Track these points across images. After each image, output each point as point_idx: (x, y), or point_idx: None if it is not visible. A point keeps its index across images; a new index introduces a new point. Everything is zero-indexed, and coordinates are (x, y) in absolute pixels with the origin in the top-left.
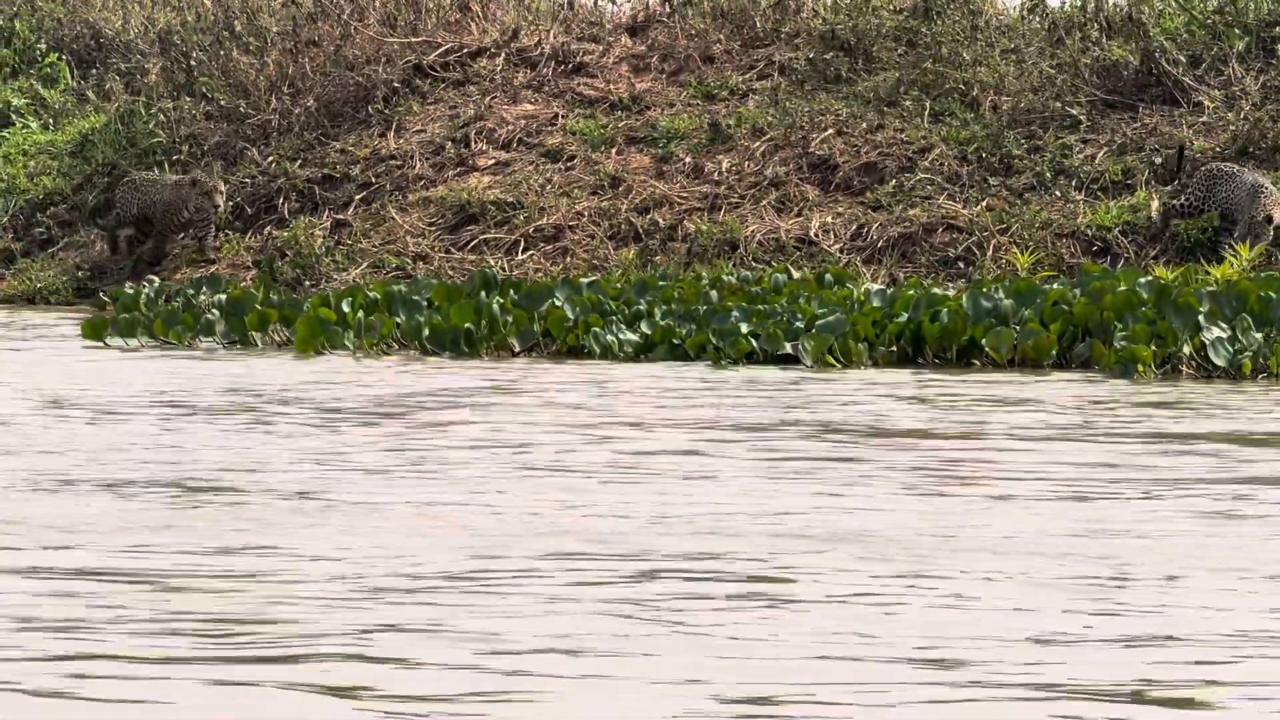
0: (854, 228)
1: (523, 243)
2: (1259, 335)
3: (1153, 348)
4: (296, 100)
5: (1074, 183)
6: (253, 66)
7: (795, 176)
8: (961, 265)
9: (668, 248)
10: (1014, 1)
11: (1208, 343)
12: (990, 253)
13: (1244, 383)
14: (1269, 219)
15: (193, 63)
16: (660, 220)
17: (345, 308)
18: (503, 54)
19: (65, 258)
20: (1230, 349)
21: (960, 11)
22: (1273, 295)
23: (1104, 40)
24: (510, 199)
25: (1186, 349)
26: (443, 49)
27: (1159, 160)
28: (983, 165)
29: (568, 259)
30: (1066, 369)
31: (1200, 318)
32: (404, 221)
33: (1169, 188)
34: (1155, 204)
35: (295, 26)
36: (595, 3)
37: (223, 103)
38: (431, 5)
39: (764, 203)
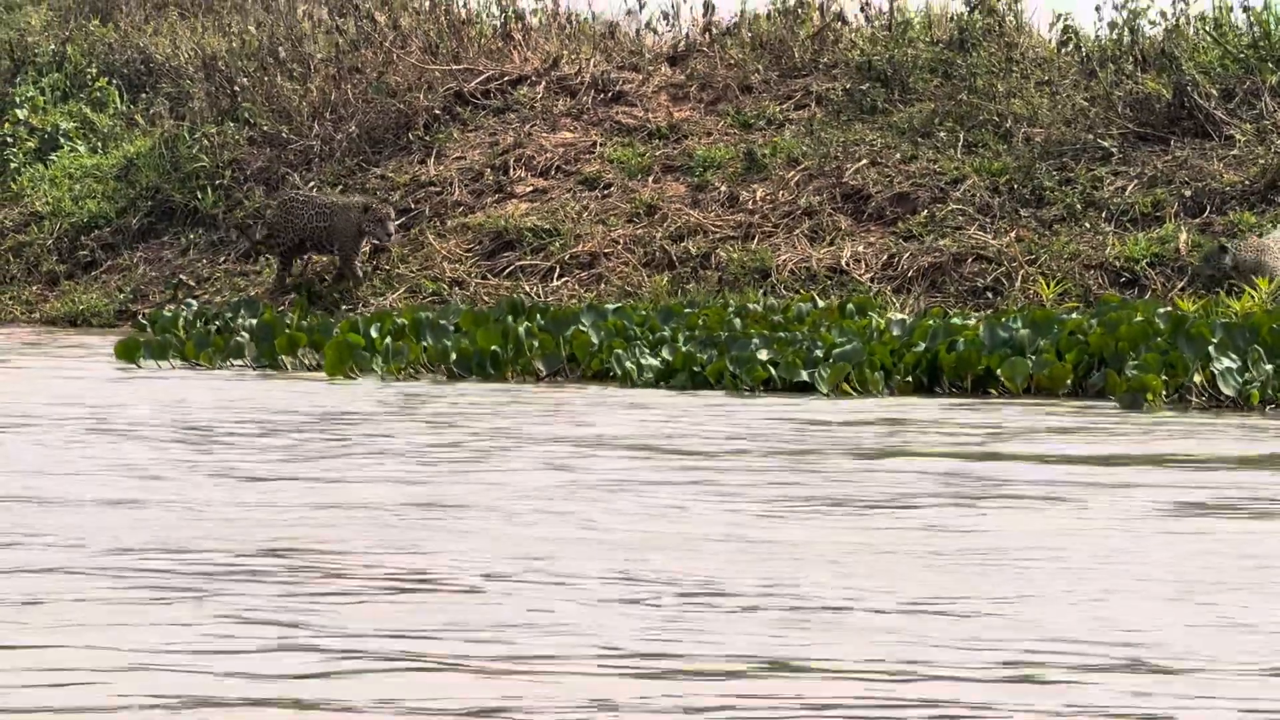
0: (885, 257)
1: (558, 269)
2: (1269, 367)
3: (1164, 377)
4: (338, 126)
5: (1104, 214)
6: (296, 92)
7: (828, 206)
8: (990, 295)
9: (700, 275)
10: (1050, 34)
11: (1217, 373)
12: (1019, 283)
13: (1251, 413)
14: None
15: (237, 88)
16: (693, 248)
17: (374, 333)
18: (543, 82)
19: (108, 280)
20: (1239, 379)
21: (996, 44)
22: None
23: (1137, 73)
24: (547, 226)
25: (1197, 379)
26: (484, 76)
27: (1202, 262)
28: (1014, 196)
29: (602, 285)
30: (1082, 398)
31: (1211, 348)
32: (441, 247)
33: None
34: (1184, 237)
35: (338, 53)
36: (637, 32)
37: (265, 128)
38: (474, 33)
39: (796, 232)
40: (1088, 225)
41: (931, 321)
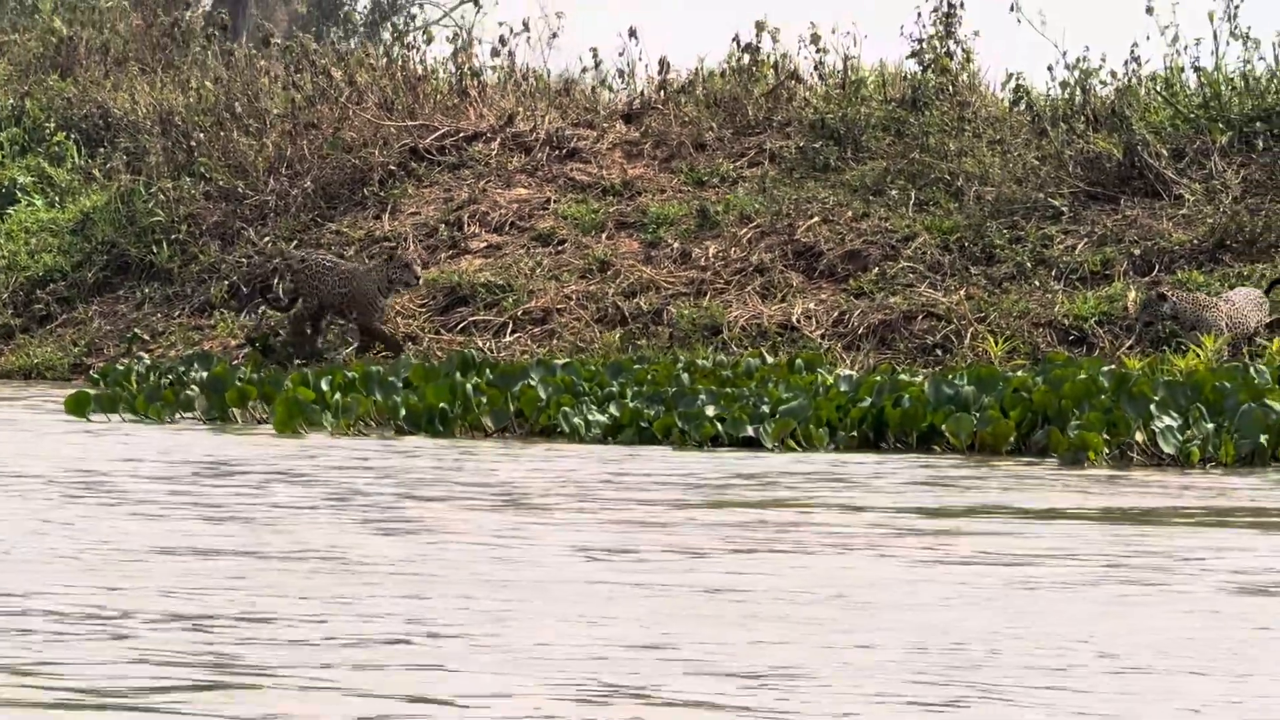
0: (836, 314)
1: (511, 325)
2: (1210, 425)
3: (1106, 436)
4: (294, 181)
5: (1053, 273)
6: (252, 148)
7: (780, 263)
8: (939, 353)
9: (652, 331)
10: (1002, 93)
11: (1157, 431)
12: (968, 341)
13: (1190, 471)
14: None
15: (193, 143)
16: (645, 304)
17: (324, 387)
18: (498, 138)
19: (63, 334)
20: (1179, 437)
21: (949, 103)
22: (1228, 385)
23: (1088, 132)
24: (500, 281)
25: (1139, 437)
26: (439, 133)
27: (1140, 309)
28: (964, 254)
29: (554, 341)
30: (1025, 455)
31: (1153, 406)
32: (395, 302)
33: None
34: (1132, 295)
35: (294, 109)
36: (593, 89)
37: (221, 183)
38: (430, 89)
39: (748, 288)
40: (1037, 283)
41: (878, 378)
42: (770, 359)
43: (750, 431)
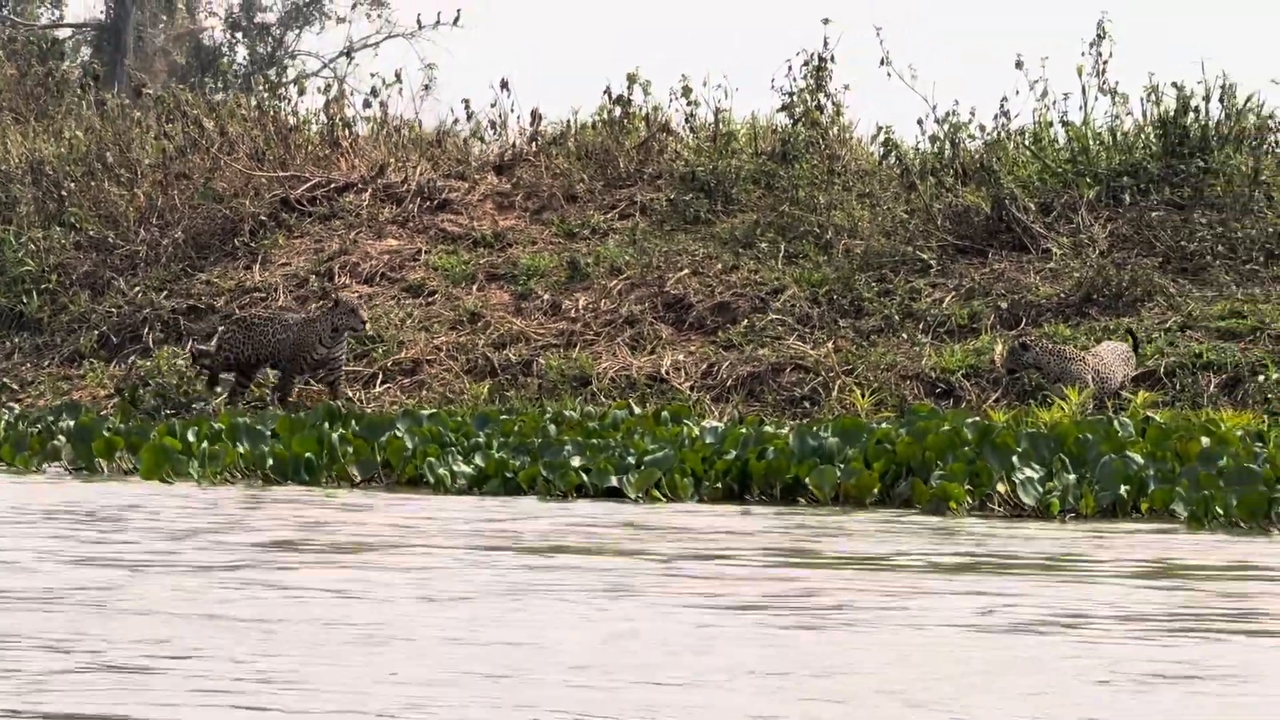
0: (705, 366)
1: (381, 375)
2: (1072, 477)
3: (968, 487)
4: (165, 231)
5: (921, 326)
6: (123, 198)
7: (650, 315)
8: (807, 405)
9: (521, 383)
10: (872, 146)
11: (1019, 482)
12: (835, 393)
13: (1049, 522)
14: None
15: (64, 193)
16: (515, 356)
17: (190, 437)
18: (369, 189)
19: None
20: (1040, 489)
21: (818, 156)
22: (1090, 438)
23: (957, 186)
24: (370, 332)
25: (1001, 488)
26: (311, 183)
27: (1003, 357)
28: (833, 307)
29: (424, 392)
30: (889, 507)
31: (1015, 458)
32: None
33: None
34: (999, 348)
35: (166, 159)
36: (464, 141)
37: (92, 233)
38: (301, 140)
39: (618, 340)
40: (905, 336)
41: (744, 430)
42: (638, 410)
43: (615, 482)
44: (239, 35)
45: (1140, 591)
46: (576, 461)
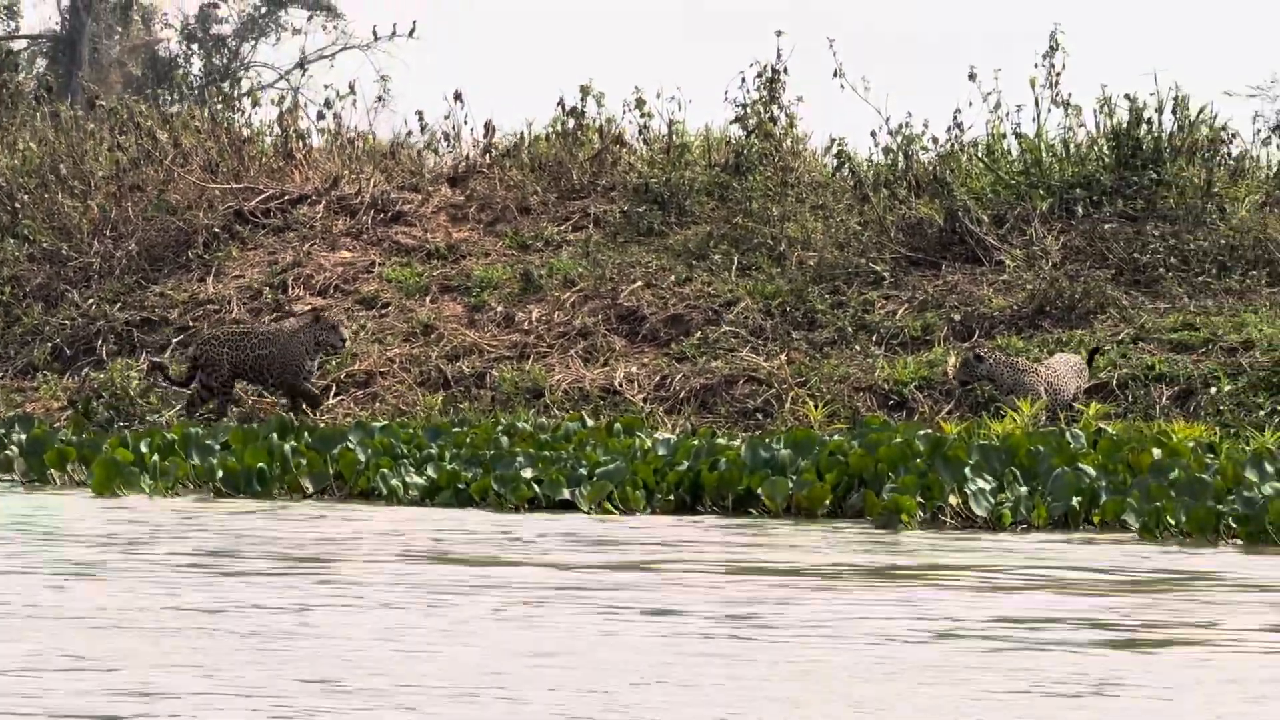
0: (658, 378)
1: (334, 387)
2: (1024, 489)
3: (920, 499)
4: (118, 243)
5: (874, 338)
6: (76, 209)
7: (603, 327)
8: (760, 417)
9: (474, 395)
10: (825, 158)
11: (970, 494)
12: (788, 405)
13: (1001, 533)
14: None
15: (17, 204)
16: (468, 368)
17: (143, 448)
18: (323, 201)
19: None
20: (992, 500)
21: (772, 167)
22: (1042, 450)
23: (910, 198)
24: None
25: (953, 500)
26: (264, 195)
27: (957, 368)
28: (786, 319)
29: (377, 404)
30: (841, 518)
31: (967, 470)
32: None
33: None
34: (952, 360)
35: (120, 171)
36: (418, 153)
37: (45, 245)
38: (255, 152)
39: (571, 352)
40: (858, 348)
41: (696, 441)
42: (591, 422)
43: (567, 494)
44: (195, 47)
45: (1059, 598)
46: (528, 474)
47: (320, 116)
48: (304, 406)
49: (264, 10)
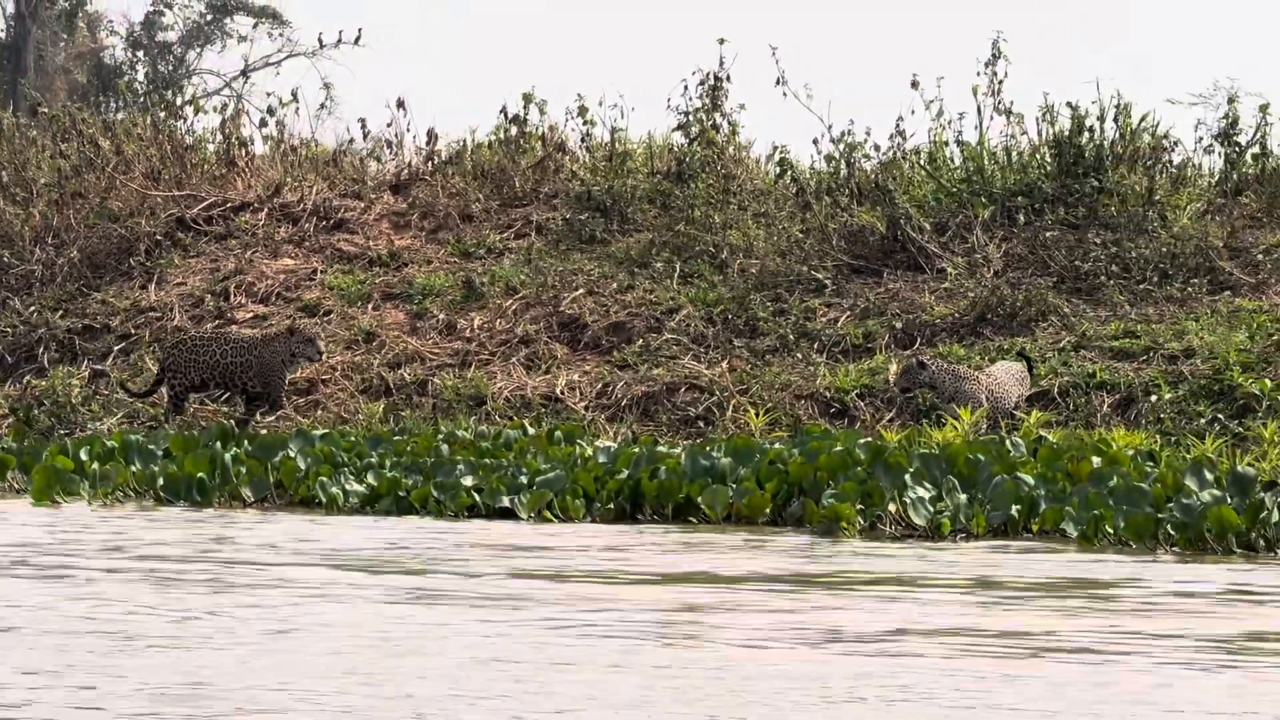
0: (599, 386)
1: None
2: (963, 496)
3: (860, 507)
4: (60, 251)
5: (815, 345)
6: (18, 217)
7: (545, 335)
8: (701, 425)
9: (416, 402)
10: (767, 166)
11: (909, 502)
12: (730, 412)
13: (941, 542)
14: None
15: None
16: (410, 375)
17: (83, 456)
18: (265, 209)
19: None
20: (931, 509)
21: (714, 175)
22: (981, 458)
23: (853, 206)
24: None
25: (892, 508)
26: (206, 203)
27: (899, 375)
28: (728, 326)
29: (319, 412)
30: (781, 526)
31: (907, 477)
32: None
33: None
34: (894, 368)
35: (62, 178)
36: (361, 160)
37: None
38: (197, 159)
39: (513, 360)
40: (800, 356)
41: (636, 449)
42: (532, 430)
43: (506, 502)
44: (140, 54)
45: (961, 608)
46: (469, 481)
47: (263, 124)
48: (258, 412)
49: (209, 17)
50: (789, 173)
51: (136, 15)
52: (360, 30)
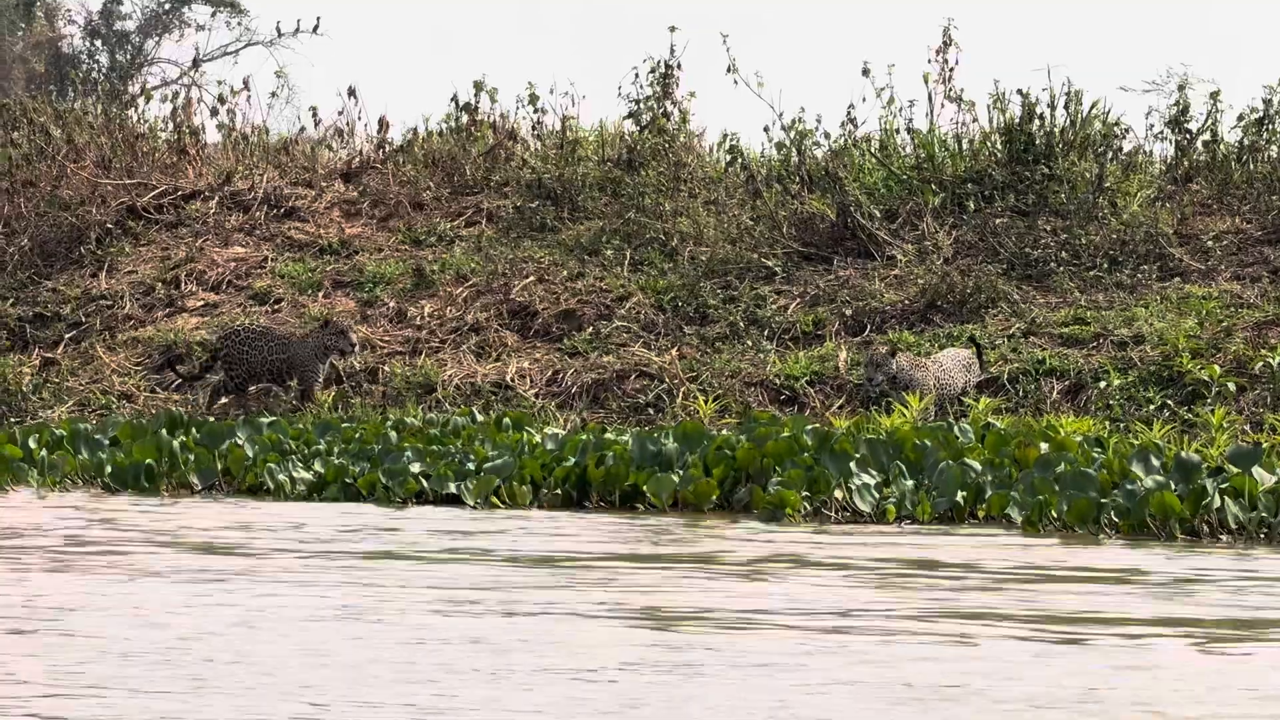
0: (550, 373)
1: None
2: (910, 483)
3: (806, 493)
4: (11, 239)
5: (766, 333)
6: None
7: (495, 322)
8: (651, 412)
9: (366, 390)
10: (717, 153)
11: (854, 489)
12: (680, 400)
13: (885, 527)
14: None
15: None
16: (359, 363)
17: (32, 444)
18: (216, 197)
19: None
20: (876, 495)
21: (665, 163)
22: (928, 444)
23: (803, 193)
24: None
25: (838, 494)
26: (157, 191)
27: (868, 365)
28: (678, 314)
29: (269, 400)
30: (729, 513)
31: (853, 464)
32: (111, 360)
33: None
34: (843, 355)
35: (11, 166)
36: (312, 148)
37: None
38: (148, 148)
39: (464, 348)
40: (750, 343)
41: (584, 436)
42: (481, 417)
43: (454, 489)
44: (98, 43)
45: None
46: (416, 468)
47: (214, 112)
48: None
49: (168, 6)
50: (739, 160)
51: (95, 4)
52: (319, 19)
